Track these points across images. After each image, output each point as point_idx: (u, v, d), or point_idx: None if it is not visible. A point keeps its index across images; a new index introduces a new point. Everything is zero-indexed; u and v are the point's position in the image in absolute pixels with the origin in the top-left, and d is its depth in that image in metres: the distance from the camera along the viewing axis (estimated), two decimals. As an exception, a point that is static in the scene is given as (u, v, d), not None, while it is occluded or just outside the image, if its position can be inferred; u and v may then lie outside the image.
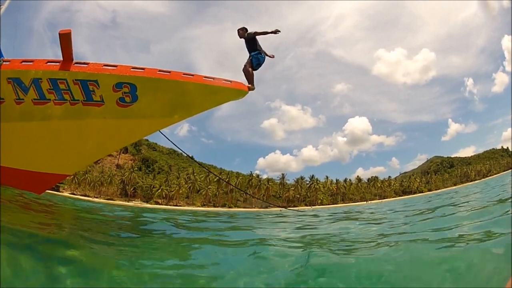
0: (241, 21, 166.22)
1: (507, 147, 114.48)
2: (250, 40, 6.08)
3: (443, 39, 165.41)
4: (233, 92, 6.04)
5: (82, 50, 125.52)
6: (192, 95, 5.93)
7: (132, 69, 5.66)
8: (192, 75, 5.83)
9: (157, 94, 5.81)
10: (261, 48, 6.17)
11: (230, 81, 6.01)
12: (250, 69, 6.09)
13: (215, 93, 5.97)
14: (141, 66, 5.75)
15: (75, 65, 5.64)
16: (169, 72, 5.74)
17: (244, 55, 6.24)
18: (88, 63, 5.68)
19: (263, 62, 6.23)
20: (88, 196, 59.49)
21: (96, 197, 62.51)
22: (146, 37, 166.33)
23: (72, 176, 62.54)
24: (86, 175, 68.54)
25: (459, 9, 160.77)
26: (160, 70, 5.72)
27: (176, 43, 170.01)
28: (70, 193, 57.74)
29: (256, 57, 6.09)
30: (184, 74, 5.80)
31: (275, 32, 5.92)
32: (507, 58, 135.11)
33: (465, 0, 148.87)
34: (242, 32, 6.19)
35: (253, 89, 6.07)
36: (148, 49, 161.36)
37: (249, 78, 6.08)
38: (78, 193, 63.57)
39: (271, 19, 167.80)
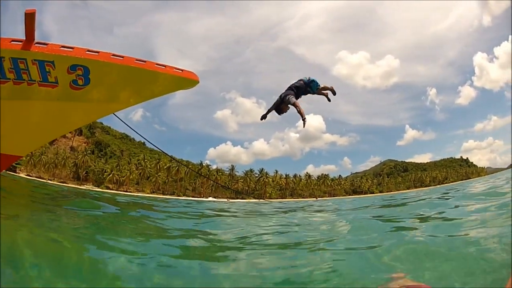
0: (208, 12, 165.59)
1: (467, 158, 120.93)
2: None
3: (410, 47, 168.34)
4: (183, 81, 6.15)
5: (50, 29, 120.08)
6: (143, 81, 6.01)
7: (87, 52, 5.64)
8: (145, 61, 5.91)
9: (108, 78, 5.82)
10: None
11: (182, 70, 6.07)
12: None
13: (165, 80, 6.06)
14: (96, 50, 5.70)
15: (36, 45, 5.52)
16: (122, 57, 5.80)
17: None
18: (48, 43, 5.58)
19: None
20: (42, 179, 59.73)
21: (50, 180, 62.91)
22: (113, 18, 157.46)
23: (28, 157, 62.72)
24: (42, 156, 68.29)
25: (433, 22, 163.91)
26: (113, 55, 5.73)
27: (140, 28, 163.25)
28: (26, 175, 57.89)
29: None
30: (136, 60, 5.87)
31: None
32: (476, 74, 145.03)
33: (441, 12, 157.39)
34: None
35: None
36: (112, 31, 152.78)
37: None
38: (34, 174, 63.31)
39: (237, 12, 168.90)
